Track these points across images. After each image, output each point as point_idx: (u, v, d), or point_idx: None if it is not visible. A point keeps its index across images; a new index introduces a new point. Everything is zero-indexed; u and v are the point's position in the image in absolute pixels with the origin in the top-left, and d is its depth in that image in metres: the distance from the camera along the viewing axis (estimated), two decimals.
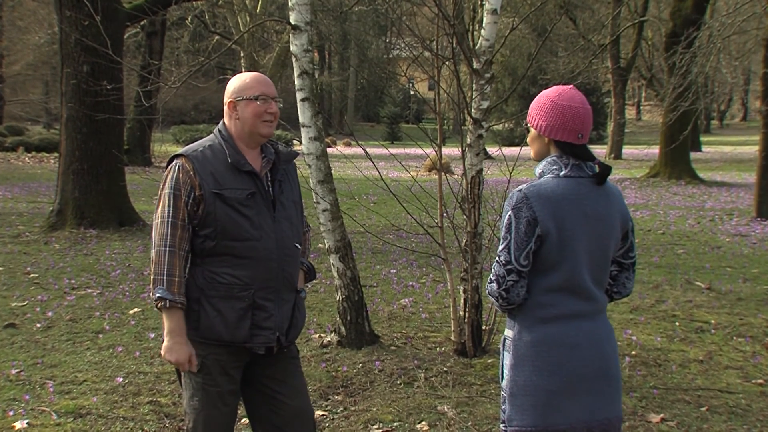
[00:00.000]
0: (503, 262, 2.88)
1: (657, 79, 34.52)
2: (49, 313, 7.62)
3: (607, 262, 2.98)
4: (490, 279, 2.94)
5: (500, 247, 2.91)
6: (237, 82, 3.36)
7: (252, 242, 3.22)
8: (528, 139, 3.09)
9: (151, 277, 3.22)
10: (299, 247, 3.45)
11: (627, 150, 39.44)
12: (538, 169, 3.00)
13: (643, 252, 11.31)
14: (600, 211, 2.91)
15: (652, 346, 6.73)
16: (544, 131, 2.96)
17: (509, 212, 2.88)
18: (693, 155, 26.44)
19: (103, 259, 10.57)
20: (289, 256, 3.36)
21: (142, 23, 23.92)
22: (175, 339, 3.19)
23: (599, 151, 35.95)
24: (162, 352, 3.23)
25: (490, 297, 2.95)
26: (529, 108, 3.05)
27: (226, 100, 3.36)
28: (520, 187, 2.91)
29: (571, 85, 3.00)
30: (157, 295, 3.17)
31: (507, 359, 2.97)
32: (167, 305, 3.17)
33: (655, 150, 26.05)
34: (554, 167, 2.94)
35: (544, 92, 3.02)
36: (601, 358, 2.91)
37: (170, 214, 3.22)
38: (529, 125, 3.05)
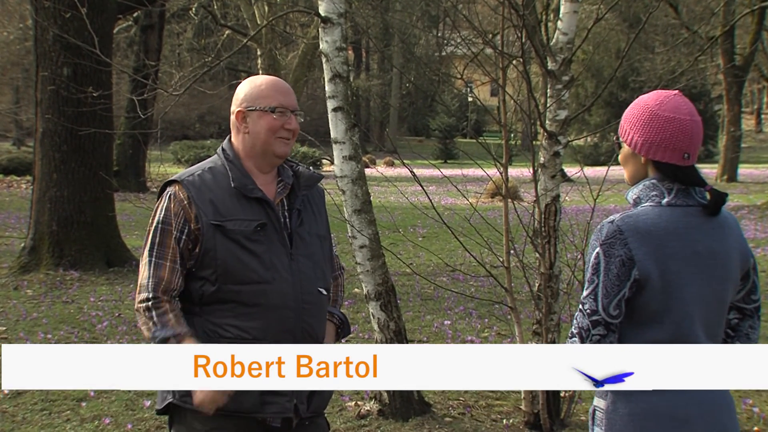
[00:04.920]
0: (588, 311, 2.86)
1: None
2: None
3: (723, 310, 2.95)
4: (572, 332, 2.91)
5: (585, 293, 2.88)
6: (249, 87, 3.39)
7: (262, 286, 3.21)
8: (620, 158, 3.06)
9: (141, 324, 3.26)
10: (324, 293, 3.45)
11: (744, 170, 39.02)
12: (633, 195, 2.97)
13: (766, 299, 11.13)
14: (714, 248, 2.87)
15: None
16: (641, 149, 2.93)
17: (597, 249, 2.86)
18: None
19: (86, 307, 10.66)
20: (311, 303, 3.36)
21: (135, 15, 24.33)
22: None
23: (708, 171, 35.63)
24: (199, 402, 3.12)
25: None
26: (622, 118, 3.02)
27: (235, 108, 3.39)
28: (611, 217, 2.87)
29: (676, 91, 2.95)
30: (159, 339, 3.14)
31: None
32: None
33: None
34: (654, 193, 2.91)
35: (641, 98, 2.99)
36: None
37: (155, 254, 3.26)
38: (621, 140, 3.02)
